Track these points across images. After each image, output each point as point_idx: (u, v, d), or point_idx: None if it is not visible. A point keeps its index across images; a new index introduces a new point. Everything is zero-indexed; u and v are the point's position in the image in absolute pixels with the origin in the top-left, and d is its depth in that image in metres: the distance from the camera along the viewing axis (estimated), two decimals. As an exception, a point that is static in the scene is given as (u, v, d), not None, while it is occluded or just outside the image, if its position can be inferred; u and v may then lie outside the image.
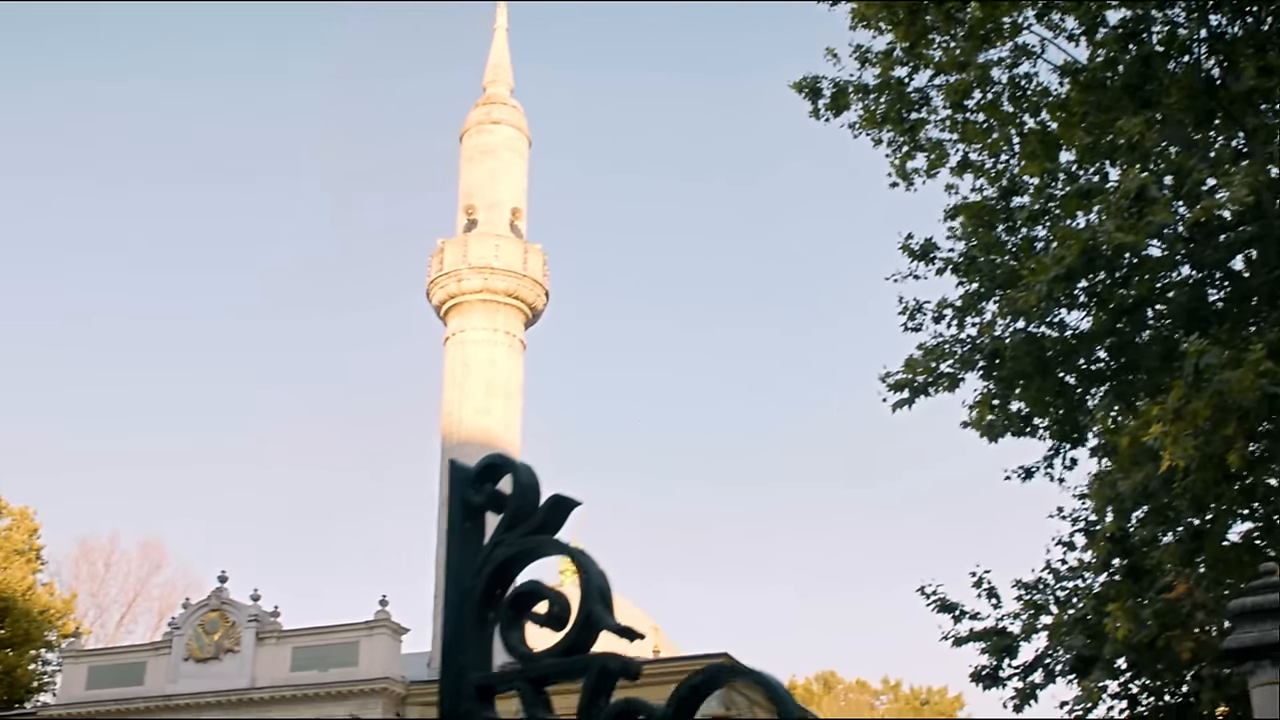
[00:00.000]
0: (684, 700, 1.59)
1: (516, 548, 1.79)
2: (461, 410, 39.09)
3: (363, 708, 34.24)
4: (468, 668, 1.78)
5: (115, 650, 40.68)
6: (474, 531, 1.87)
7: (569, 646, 1.71)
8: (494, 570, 1.80)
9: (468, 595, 1.81)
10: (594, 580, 1.71)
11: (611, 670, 1.67)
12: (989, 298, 18.65)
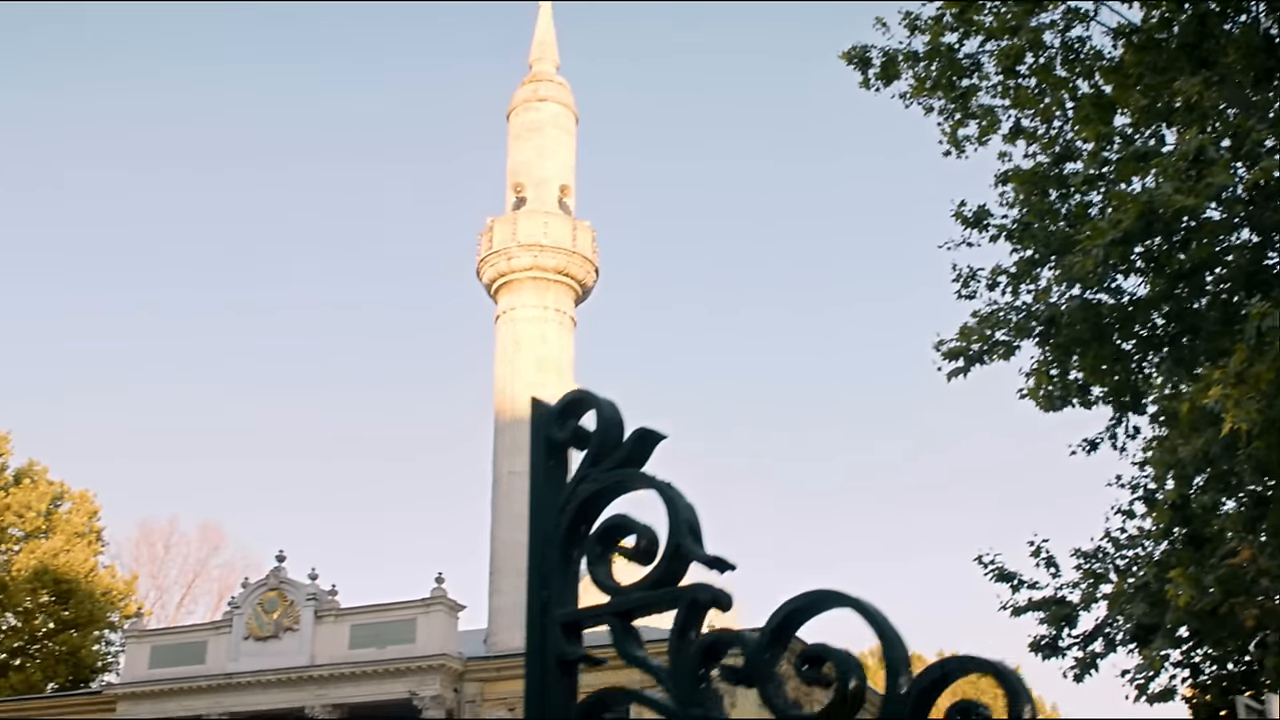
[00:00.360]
0: (780, 627, 1.57)
1: (602, 482, 1.78)
2: (513, 387, 39.17)
3: (421, 684, 34.49)
4: (553, 604, 1.77)
5: (177, 630, 41.19)
6: (557, 469, 1.86)
7: (658, 579, 1.69)
8: (579, 506, 1.79)
9: (552, 532, 1.80)
10: (682, 513, 1.70)
11: (702, 602, 1.65)
12: (1044, 264, 18.44)
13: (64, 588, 54.81)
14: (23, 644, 54.12)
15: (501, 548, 37.74)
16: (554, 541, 1.79)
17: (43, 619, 54.85)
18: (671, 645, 1.64)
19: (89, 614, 55.40)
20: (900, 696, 1.48)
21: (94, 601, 55.87)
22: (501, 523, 38.10)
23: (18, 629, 54.20)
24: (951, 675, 1.47)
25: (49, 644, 54.04)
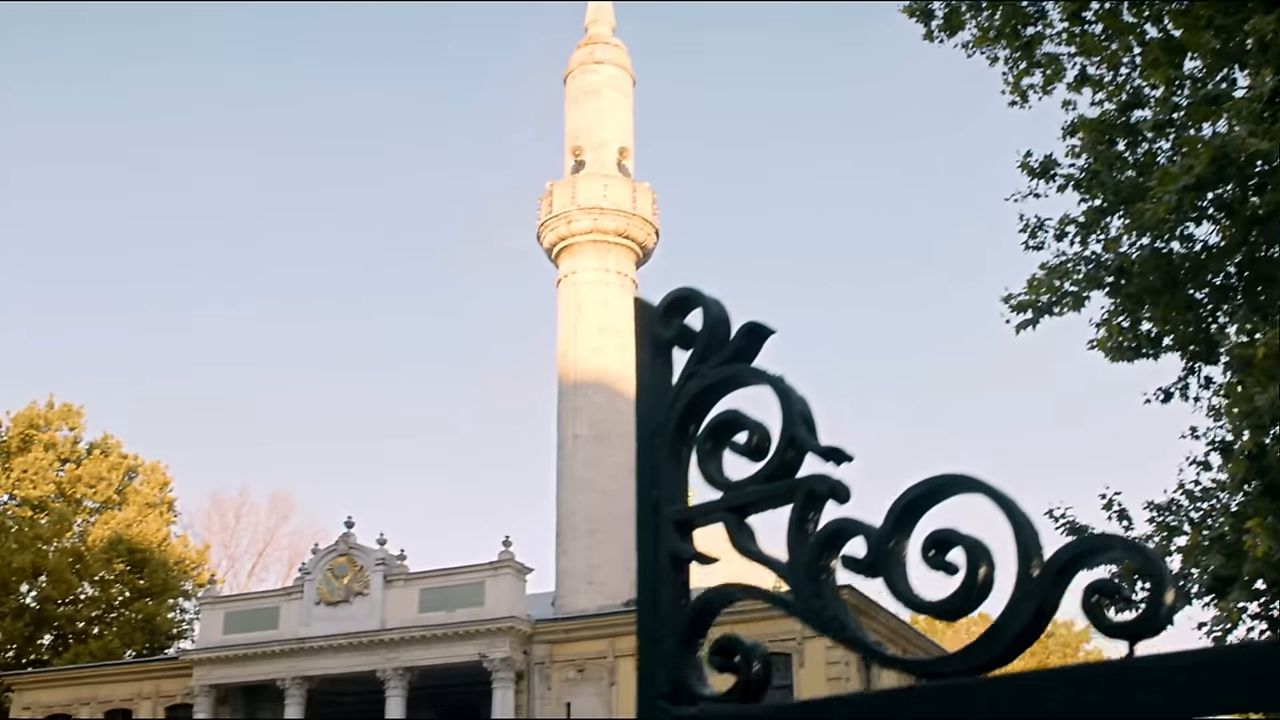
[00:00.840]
0: (902, 515, 1.53)
1: (710, 378, 1.74)
2: (577, 351, 39.25)
3: (490, 646, 34.75)
4: (664, 502, 1.74)
5: (250, 596, 41.76)
6: (663, 368, 1.82)
7: (772, 472, 1.65)
8: (688, 403, 1.75)
9: (660, 430, 1.77)
10: (795, 405, 1.65)
11: (820, 493, 1.61)
12: (1113, 213, 18.14)
13: (138, 557, 55.77)
14: (100, 612, 55.16)
15: (567, 511, 37.92)
16: (663, 440, 1.76)
17: (119, 588, 55.87)
18: (789, 538, 1.60)
19: (163, 582, 56.35)
20: (1032, 579, 1.43)
21: (167, 570, 56.82)
22: (566, 486, 38.27)
23: (95, 598, 55.24)
24: (1085, 556, 1.42)
25: (125, 612, 55.04)
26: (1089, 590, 1.43)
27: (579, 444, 38.25)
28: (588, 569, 36.99)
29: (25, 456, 55.55)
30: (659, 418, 1.78)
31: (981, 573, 1.47)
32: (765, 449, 1.68)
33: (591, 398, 38.61)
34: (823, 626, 1.54)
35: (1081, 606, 1.43)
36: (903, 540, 1.54)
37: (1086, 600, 1.43)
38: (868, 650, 1.51)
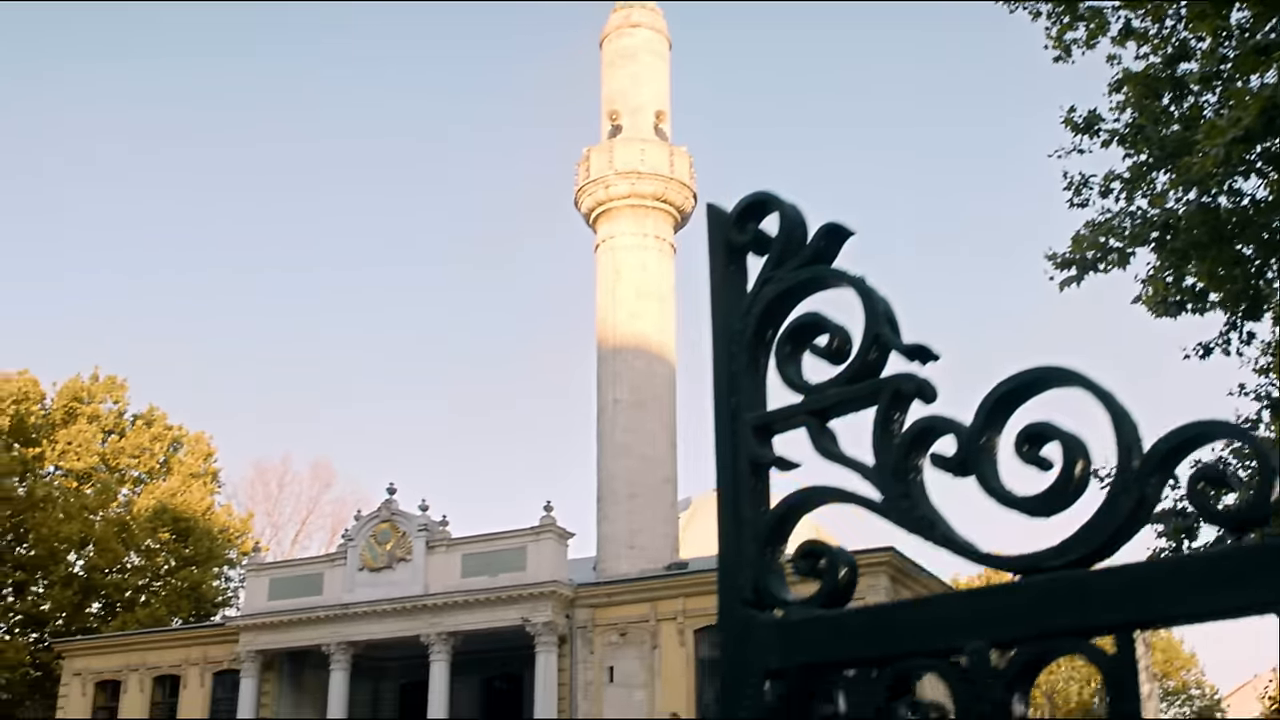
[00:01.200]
0: (994, 410, 1.49)
1: (789, 281, 1.70)
2: (615, 315, 39.21)
3: (533, 611, 34.90)
4: (743, 409, 1.70)
5: (294, 563, 42.10)
6: (737, 274, 1.78)
7: (855, 373, 1.61)
8: (765, 308, 1.71)
9: (737, 337, 1.73)
10: (878, 305, 1.61)
11: (906, 392, 1.57)
12: (1159, 168, 17.92)
13: (183, 526, 56.35)
14: (147, 580, 55.82)
15: (607, 476, 37.98)
16: (740, 346, 1.72)
17: (164, 556, 56.49)
18: (875, 439, 1.56)
19: (208, 551, 56.95)
20: (1133, 471, 1.38)
21: (212, 539, 57.40)
22: (607, 451, 38.32)
23: (141, 566, 55.89)
24: (1189, 444, 1.38)
25: (171, 580, 55.67)
26: (1195, 477, 1.39)
27: (619, 409, 38.25)
28: (629, 533, 37.06)
29: (70, 429, 56.13)
30: (735, 324, 1.74)
31: (1078, 468, 1.43)
32: (846, 352, 1.64)
33: (630, 363, 38.59)
34: (912, 526, 1.51)
35: (1187, 494, 1.39)
36: (994, 436, 1.50)
37: (1192, 488, 1.39)
38: (961, 549, 1.47)
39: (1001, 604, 1.40)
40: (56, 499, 52.38)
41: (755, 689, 1.56)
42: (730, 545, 1.65)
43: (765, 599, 1.60)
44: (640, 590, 35.03)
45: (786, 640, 1.55)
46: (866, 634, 1.49)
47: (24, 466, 52.85)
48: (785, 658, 1.55)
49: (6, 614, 51.98)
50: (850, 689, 1.50)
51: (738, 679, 1.57)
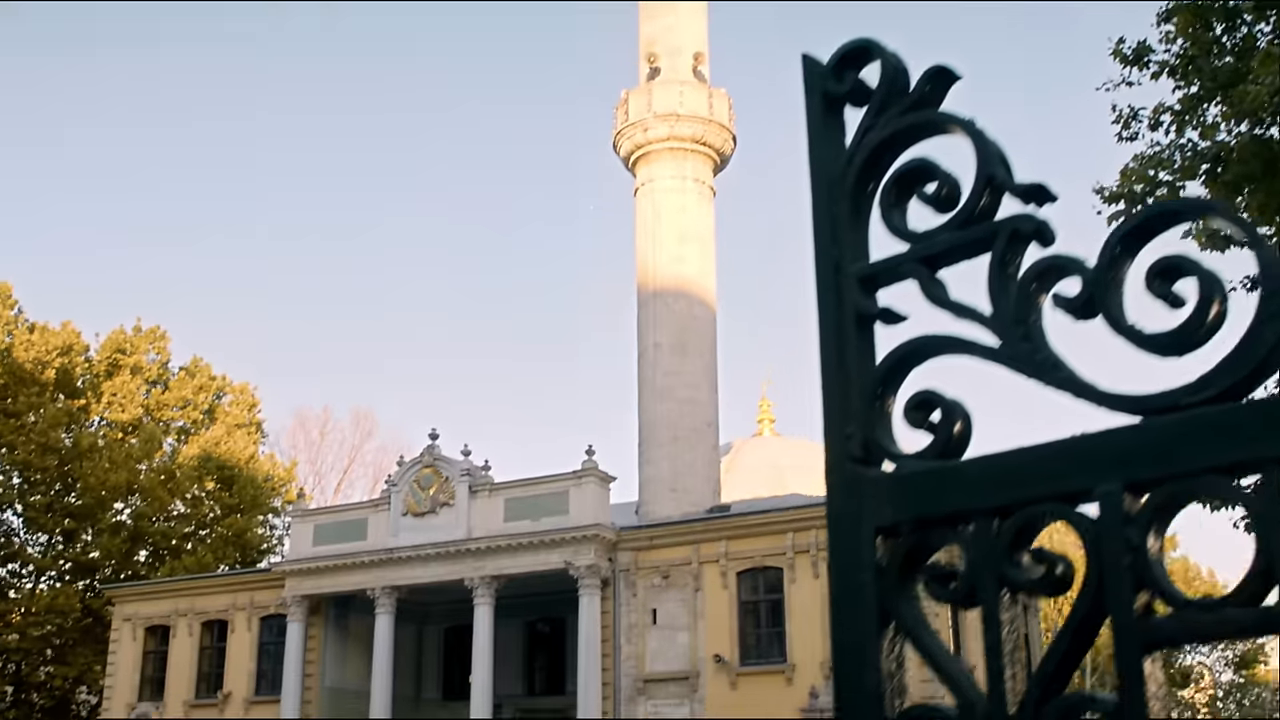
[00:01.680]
0: (1121, 246, 1.41)
1: (894, 126, 1.61)
2: (656, 259, 39.06)
3: (575, 554, 35.06)
4: (846, 260, 1.62)
5: (338, 508, 42.40)
6: (835, 126, 1.70)
7: (967, 218, 1.53)
8: (867, 157, 1.63)
9: (838, 188, 1.65)
10: (990, 147, 1.53)
11: (1025, 232, 1.49)
12: (1211, 100, 17.58)
13: (227, 474, 56.86)
14: (193, 528, 56.42)
15: (649, 420, 37.98)
16: (841, 197, 1.64)
17: (210, 504, 57.06)
18: (991, 284, 1.49)
19: (252, 499, 57.48)
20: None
21: (256, 487, 57.91)
22: (648, 395, 38.29)
23: (187, 514, 56.49)
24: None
25: (217, 528, 56.26)
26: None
27: (659, 352, 38.18)
28: (671, 476, 37.08)
29: (114, 380, 56.62)
30: (835, 174, 1.66)
31: (1214, 305, 1.35)
32: (956, 198, 1.56)
33: (671, 306, 38.46)
34: (1034, 370, 1.43)
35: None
36: (1122, 274, 1.42)
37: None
38: (1085, 390, 1.39)
39: (1135, 443, 1.33)
40: (103, 449, 52.93)
41: (867, 548, 1.49)
42: (835, 401, 1.58)
43: (874, 454, 1.54)
44: (683, 533, 35.12)
45: (899, 495, 1.49)
46: (987, 483, 1.42)
47: (70, 418, 53.41)
48: (898, 513, 1.48)
49: (57, 561, 52.71)
50: (969, 542, 1.43)
51: (849, 538, 1.51)
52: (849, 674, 1.46)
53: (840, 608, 1.50)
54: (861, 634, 1.47)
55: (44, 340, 54.47)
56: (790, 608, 33.43)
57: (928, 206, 1.58)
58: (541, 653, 42.28)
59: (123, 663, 44.35)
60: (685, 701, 34.03)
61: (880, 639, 1.46)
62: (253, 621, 42.26)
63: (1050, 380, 1.42)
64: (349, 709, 39.98)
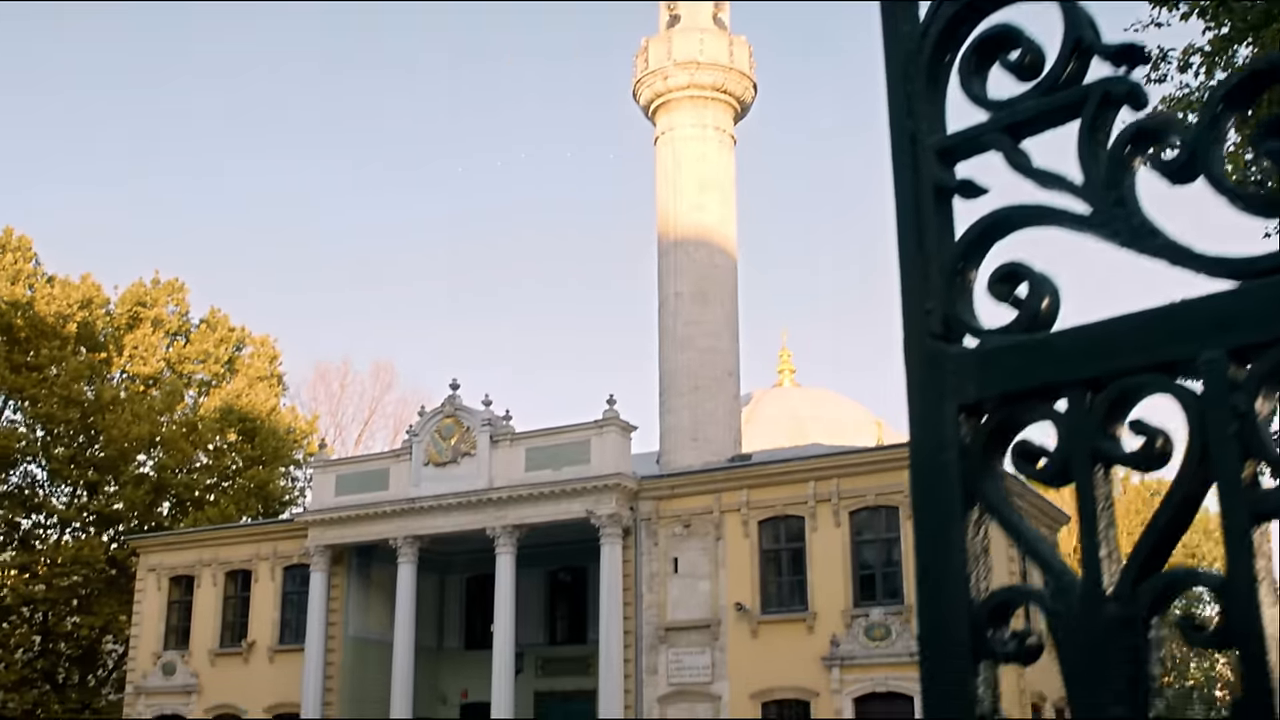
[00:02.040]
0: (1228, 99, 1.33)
1: (971, -7, 1.54)
2: (676, 207, 38.87)
3: (597, 503, 35.13)
4: (923, 133, 1.55)
5: (360, 459, 42.54)
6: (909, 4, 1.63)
7: (1054, 83, 1.46)
8: (944, 27, 1.56)
9: (914, 57, 1.58)
10: (1077, 9, 1.46)
11: (1117, 95, 1.41)
12: (1241, 41, 17.34)
13: (249, 427, 57.08)
14: (215, 480, 56.71)
15: (669, 369, 37.92)
16: (917, 67, 1.57)
17: (231, 457, 57.33)
18: (1081, 151, 1.42)
19: (274, 451, 57.71)
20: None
21: (278, 439, 58.13)
22: (668, 344, 38.22)
23: (209, 466, 56.76)
24: None
25: (239, 480, 56.52)
26: None
27: (680, 301, 38.07)
28: (692, 425, 37.06)
29: (135, 333, 56.79)
30: (910, 47, 1.59)
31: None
32: (1040, 64, 1.49)
33: (692, 255, 38.31)
34: (1130, 236, 1.36)
35: None
36: (1223, 133, 1.35)
37: None
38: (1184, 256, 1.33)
39: (1238, 308, 1.26)
40: (125, 402, 53.17)
41: (950, 427, 1.43)
42: (913, 277, 1.51)
43: (955, 330, 1.47)
44: (704, 482, 35.15)
45: (984, 370, 1.42)
46: (1079, 354, 1.36)
47: (92, 371, 53.62)
48: (983, 389, 1.42)
49: (81, 513, 53.10)
50: (1061, 417, 1.37)
51: (930, 418, 1.45)
52: (932, 559, 1.41)
53: (921, 491, 1.44)
54: (945, 516, 1.41)
55: (65, 294, 54.63)
56: (812, 556, 33.48)
57: (1010, 74, 1.51)
58: (563, 602, 42.49)
59: (148, 612, 44.74)
60: (707, 650, 34.18)
61: (965, 521, 1.40)
62: (276, 571, 42.53)
63: (1146, 246, 1.35)
64: (372, 658, 40.30)
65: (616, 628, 34.88)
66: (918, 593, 1.40)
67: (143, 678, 43.91)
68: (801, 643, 32.89)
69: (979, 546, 1.40)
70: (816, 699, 32.48)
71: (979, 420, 1.43)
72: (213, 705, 42.46)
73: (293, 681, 40.21)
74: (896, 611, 31.96)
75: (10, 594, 50.63)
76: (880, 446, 36.94)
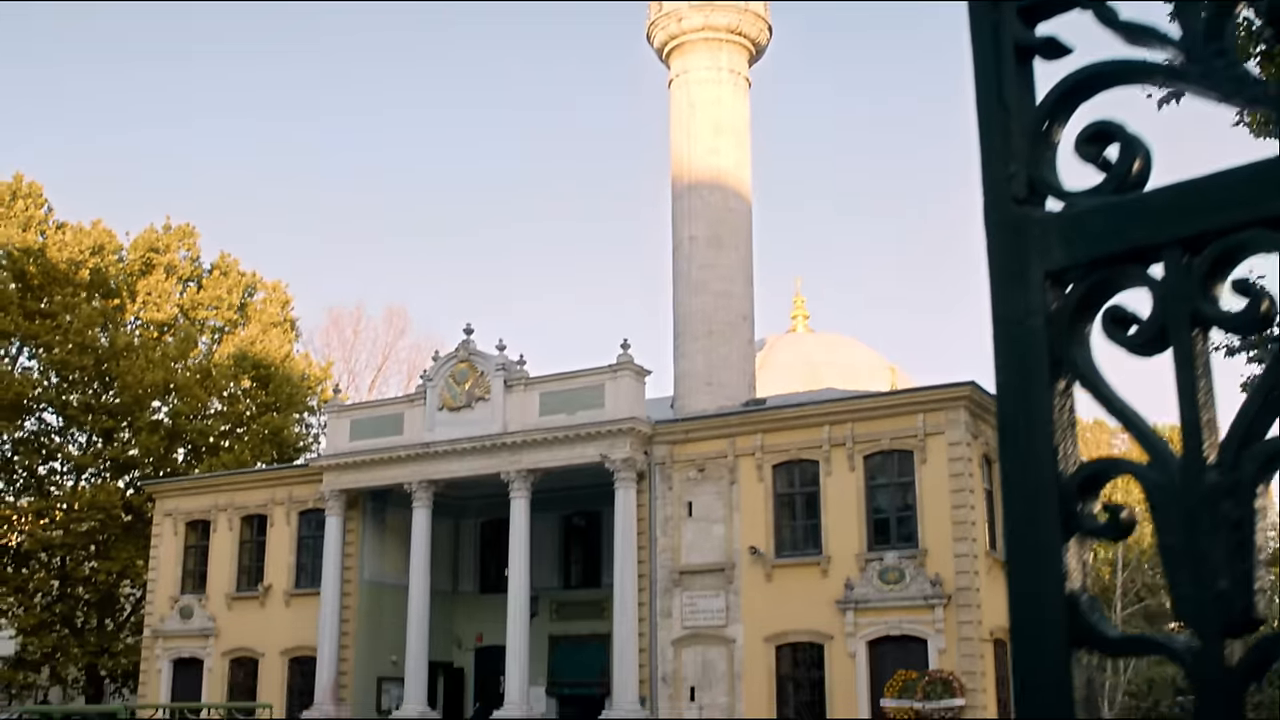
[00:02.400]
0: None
1: None
2: (691, 151, 38.59)
3: (611, 447, 35.15)
4: None
5: (374, 404, 42.60)
6: None
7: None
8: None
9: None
10: None
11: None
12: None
13: (263, 373, 57.17)
14: (230, 427, 56.86)
15: (684, 313, 37.80)
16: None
17: (246, 403, 57.45)
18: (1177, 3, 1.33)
19: (288, 397, 57.80)
20: None
21: (292, 385, 58.21)
22: (682, 288, 38.08)
23: (224, 413, 56.90)
24: None
25: (253, 426, 56.63)
26: None
27: (694, 245, 37.89)
28: (706, 370, 36.98)
29: (148, 279, 56.76)
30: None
31: None
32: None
33: (706, 198, 38.08)
34: (1233, 87, 1.28)
35: None
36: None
37: None
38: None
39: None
40: (139, 348, 53.25)
41: (1036, 294, 1.36)
42: (993, 140, 1.43)
43: (1039, 193, 1.39)
44: (718, 426, 35.14)
45: (1071, 234, 1.35)
46: (1176, 212, 1.28)
47: (105, 318, 53.67)
48: (1071, 254, 1.34)
49: (97, 460, 53.33)
50: (1155, 281, 1.29)
51: (1013, 284, 1.37)
52: (1016, 430, 1.34)
53: (1006, 361, 1.37)
54: (1031, 387, 1.34)
55: (76, 240, 54.60)
56: (826, 500, 33.51)
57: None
58: (577, 546, 42.64)
59: (165, 557, 45.02)
60: (721, 593, 34.30)
61: (1051, 392, 1.33)
62: (291, 516, 42.72)
63: (1248, 96, 1.27)
64: (387, 602, 40.54)
65: (631, 571, 35.01)
66: (1001, 466, 1.33)
67: (160, 621, 44.25)
68: (815, 586, 32.99)
69: (1067, 418, 1.33)
70: (830, 642, 32.63)
71: (1066, 287, 1.36)
72: (230, 648, 42.81)
73: (309, 625, 40.50)
74: (910, 555, 32.02)
75: (28, 539, 50.97)
76: (895, 391, 36.87)
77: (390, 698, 40.03)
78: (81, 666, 52.19)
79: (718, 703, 33.75)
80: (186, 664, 43.65)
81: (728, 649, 33.97)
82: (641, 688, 34.47)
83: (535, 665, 38.34)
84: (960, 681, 30.45)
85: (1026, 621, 1.27)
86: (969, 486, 32.00)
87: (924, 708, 30.24)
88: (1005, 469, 1.33)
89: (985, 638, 31.66)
